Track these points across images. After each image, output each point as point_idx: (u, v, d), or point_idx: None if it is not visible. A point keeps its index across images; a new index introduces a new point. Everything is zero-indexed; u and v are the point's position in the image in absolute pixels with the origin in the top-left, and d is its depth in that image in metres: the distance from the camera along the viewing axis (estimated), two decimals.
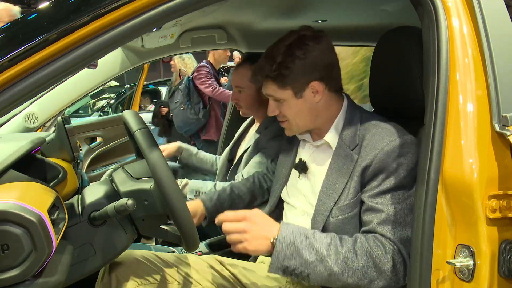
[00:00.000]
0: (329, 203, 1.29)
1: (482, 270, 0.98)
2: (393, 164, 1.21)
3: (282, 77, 1.31)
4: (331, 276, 1.16)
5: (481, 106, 1.02)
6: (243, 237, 1.18)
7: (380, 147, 1.23)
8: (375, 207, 1.22)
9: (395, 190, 1.21)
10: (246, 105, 2.20)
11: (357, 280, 1.16)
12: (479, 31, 1.04)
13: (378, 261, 1.16)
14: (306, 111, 1.35)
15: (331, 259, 1.15)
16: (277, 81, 1.32)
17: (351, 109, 1.37)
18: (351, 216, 1.26)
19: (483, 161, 0.99)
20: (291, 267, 1.16)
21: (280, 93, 1.33)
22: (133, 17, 0.96)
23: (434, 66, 1.07)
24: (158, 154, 1.16)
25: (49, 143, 1.80)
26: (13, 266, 0.90)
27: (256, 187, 1.88)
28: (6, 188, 1.01)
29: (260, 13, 2.24)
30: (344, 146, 1.31)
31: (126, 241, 1.25)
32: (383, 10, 1.85)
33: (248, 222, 1.19)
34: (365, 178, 1.25)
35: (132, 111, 1.34)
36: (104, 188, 1.27)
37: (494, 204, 0.98)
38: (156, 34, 2.15)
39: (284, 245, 1.15)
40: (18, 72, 0.90)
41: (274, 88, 1.34)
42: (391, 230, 1.19)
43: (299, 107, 1.34)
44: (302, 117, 1.36)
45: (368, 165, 1.24)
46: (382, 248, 1.17)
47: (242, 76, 2.16)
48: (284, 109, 1.36)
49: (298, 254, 1.15)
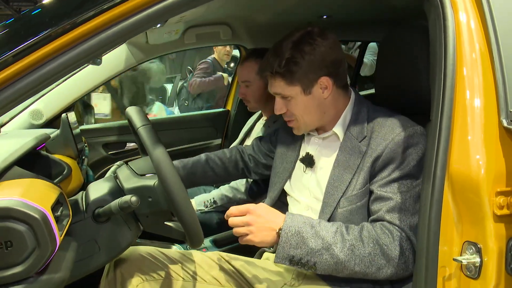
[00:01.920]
0: (336, 195, 1.29)
1: (489, 267, 0.97)
2: (403, 154, 1.22)
3: (291, 73, 1.30)
4: (337, 264, 1.16)
5: (489, 101, 1.01)
6: (248, 230, 1.19)
7: (390, 137, 1.24)
8: (383, 195, 1.23)
9: (404, 179, 1.22)
10: (254, 99, 2.19)
11: (364, 268, 1.16)
12: (487, 26, 1.03)
13: (386, 248, 1.16)
14: (314, 108, 1.34)
15: (337, 247, 1.16)
16: (285, 77, 1.31)
17: (359, 103, 1.38)
18: (358, 206, 1.27)
19: (490, 157, 0.98)
20: (297, 256, 1.16)
21: (288, 90, 1.33)
22: (137, 12, 0.96)
23: (441, 62, 1.06)
24: (162, 150, 1.16)
25: (54, 139, 1.80)
26: (16, 263, 0.90)
27: (231, 164, 1.79)
28: (10, 184, 1.01)
29: (264, 9, 2.23)
30: (352, 138, 1.32)
31: (130, 237, 1.25)
32: (388, 5, 1.84)
33: (252, 215, 1.20)
34: (375, 169, 1.26)
35: (136, 107, 1.34)
36: (108, 185, 1.27)
37: (501, 201, 0.97)
38: (161, 30, 2.15)
39: (289, 234, 1.16)
40: (22, 68, 0.90)
41: (282, 85, 1.33)
42: (399, 217, 1.19)
43: (307, 104, 1.34)
44: (310, 114, 1.35)
45: (379, 156, 1.25)
46: (390, 235, 1.17)
47: (248, 71, 2.15)
48: (292, 106, 1.35)
49: (303, 243, 1.16)
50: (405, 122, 1.27)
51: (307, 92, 1.32)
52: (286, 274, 1.41)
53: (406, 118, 1.29)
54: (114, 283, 1.34)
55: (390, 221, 1.20)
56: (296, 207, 1.45)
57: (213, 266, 1.44)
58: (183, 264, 1.41)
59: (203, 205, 2.17)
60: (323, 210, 1.32)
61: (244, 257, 1.49)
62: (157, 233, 1.33)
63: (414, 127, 1.25)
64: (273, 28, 2.43)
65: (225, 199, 2.14)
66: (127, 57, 2.36)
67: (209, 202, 2.18)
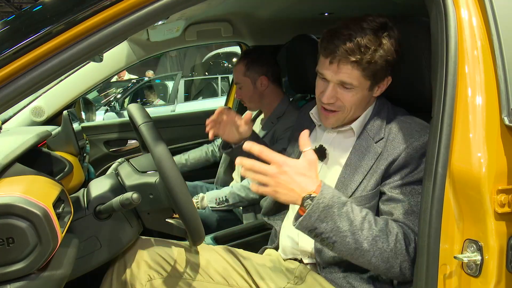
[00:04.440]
0: (345, 194, 1.25)
1: (490, 265, 0.97)
2: (419, 160, 1.20)
3: (372, 68, 1.23)
4: (357, 250, 1.12)
5: (490, 99, 1.00)
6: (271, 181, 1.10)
7: (409, 141, 1.22)
8: (396, 197, 1.21)
9: (417, 184, 1.20)
10: (248, 99, 2.24)
11: (380, 262, 1.13)
12: (489, 23, 1.02)
13: (403, 249, 1.14)
14: (362, 102, 1.31)
15: (363, 234, 1.11)
16: (366, 71, 1.23)
17: (381, 101, 1.36)
18: (368, 207, 1.24)
19: (491, 155, 0.98)
20: (320, 229, 1.09)
21: (360, 82, 1.25)
22: (138, 9, 0.95)
23: (443, 58, 1.05)
24: (163, 148, 1.16)
25: (55, 136, 1.81)
26: (18, 259, 0.91)
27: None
28: (11, 181, 1.01)
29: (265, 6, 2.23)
30: (368, 137, 1.29)
31: (131, 234, 1.25)
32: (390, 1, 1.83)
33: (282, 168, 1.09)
34: (389, 172, 1.23)
35: (137, 104, 1.34)
36: (109, 182, 1.27)
37: (502, 199, 0.96)
38: (162, 27, 2.14)
39: (321, 206, 1.08)
40: (24, 65, 0.90)
41: (357, 75, 1.24)
42: (413, 220, 1.18)
43: (363, 99, 1.29)
44: (358, 108, 1.31)
45: (395, 159, 1.22)
46: (408, 238, 1.15)
47: (238, 72, 2.21)
48: (348, 98, 1.27)
49: (332, 219, 1.09)
50: (424, 127, 1.24)
51: (371, 88, 1.28)
52: (289, 274, 1.41)
53: (425, 123, 1.25)
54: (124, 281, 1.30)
55: (406, 223, 1.18)
56: None
57: (220, 261, 1.41)
58: (192, 259, 1.39)
59: (214, 202, 2.17)
60: None
61: (249, 253, 1.47)
62: (158, 230, 1.33)
63: None
64: (274, 25, 2.43)
65: (237, 198, 2.13)
66: (128, 54, 2.37)
67: (220, 199, 2.17)
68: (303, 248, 1.40)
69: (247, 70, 2.18)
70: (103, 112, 6.35)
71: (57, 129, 1.86)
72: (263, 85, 2.20)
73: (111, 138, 2.76)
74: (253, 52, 2.32)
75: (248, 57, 2.21)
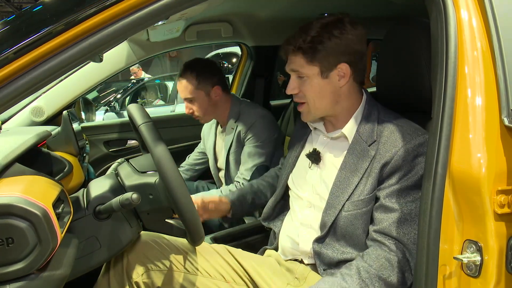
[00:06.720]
0: (342, 197, 1.28)
1: (490, 265, 0.97)
2: (412, 163, 1.21)
3: (313, 51, 1.28)
4: None
5: (490, 99, 1.00)
6: None
7: (400, 144, 1.22)
8: (389, 206, 1.22)
9: (411, 189, 1.21)
10: (203, 111, 2.18)
11: None
12: (489, 24, 1.02)
13: (388, 279, 1.17)
14: (328, 94, 1.32)
15: None
16: (307, 54, 1.29)
17: (370, 104, 1.36)
18: (364, 212, 1.25)
19: (491, 156, 0.98)
20: None
21: (306, 68, 1.30)
22: (138, 9, 0.95)
23: (442, 59, 1.05)
24: (163, 148, 1.16)
25: (55, 136, 1.81)
26: (18, 259, 0.90)
27: (275, 181, 1.76)
28: (11, 181, 1.01)
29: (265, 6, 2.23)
30: (361, 141, 1.30)
31: (131, 234, 1.25)
32: (390, 2, 1.83)
33: None
34: (383, 175, 1.24)
35: (137, 104, 1.34)
36: (109, 182, 1.27)
37: (502, 199, 0.96)
38: (162, 28, 2.14)
39: None
40: (24, 65, 0.90)
41: (302, 62, 1.30)
42: (403, 230, 1.19)
43: (321, 88, 1.32)
44: (322, 99, 1.33)
45: (387, 162, 1.23)
46: (387, 263, 1.18)
47: (186, 87, 2.13)
48: (306, 87, 1.33)
49: None
50: (416, 129, 1.25)
51: (324, 75, 1.30)
52: (288, 274, 1.41)
53: (416, 126, 1.27)
54: (121, 269, 1.34)
55: (393, 235, 1.19)
56: (298, 203, 1.44)
57: (219, 259, 1.43)
58: (190, 255, 1.41)
59: None
60: (327, 211, 1.30)
61: (248, 253, 1.48)
62: (158, 230, 1.33)
63: (424, 136, 1.23)
64: (274, 26, 2.44)
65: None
66: (128, 54, 2.37)
67: None
68: (304, 249, 1.40)
69: (198, 83, 2.11)
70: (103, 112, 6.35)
71: (57, 129, 1.86)
72: (217, 95, 2.15)
73: (111, 138, 2.75)
74: (197, 64, 2.19)
75: (195, 70, 2.12)
